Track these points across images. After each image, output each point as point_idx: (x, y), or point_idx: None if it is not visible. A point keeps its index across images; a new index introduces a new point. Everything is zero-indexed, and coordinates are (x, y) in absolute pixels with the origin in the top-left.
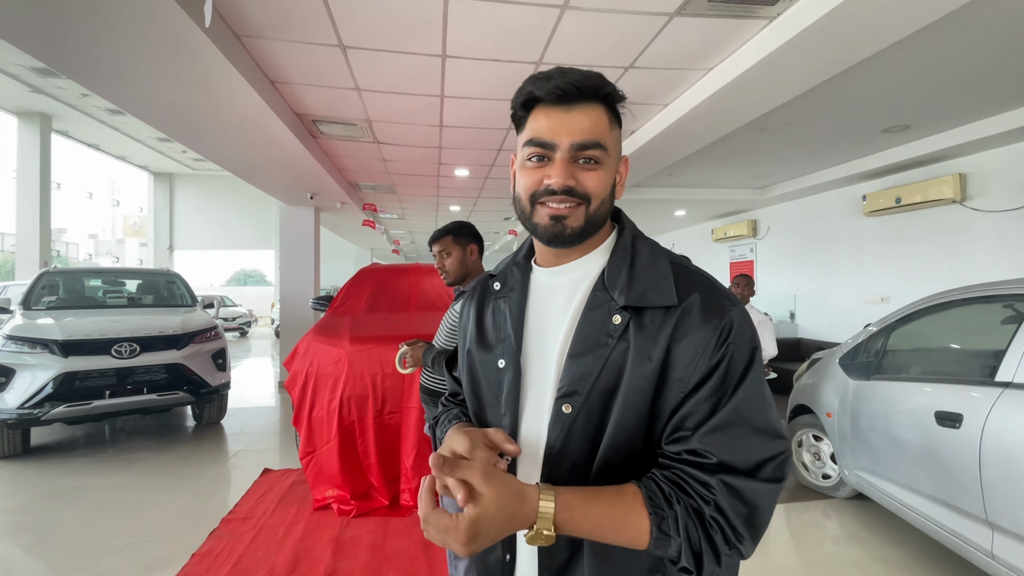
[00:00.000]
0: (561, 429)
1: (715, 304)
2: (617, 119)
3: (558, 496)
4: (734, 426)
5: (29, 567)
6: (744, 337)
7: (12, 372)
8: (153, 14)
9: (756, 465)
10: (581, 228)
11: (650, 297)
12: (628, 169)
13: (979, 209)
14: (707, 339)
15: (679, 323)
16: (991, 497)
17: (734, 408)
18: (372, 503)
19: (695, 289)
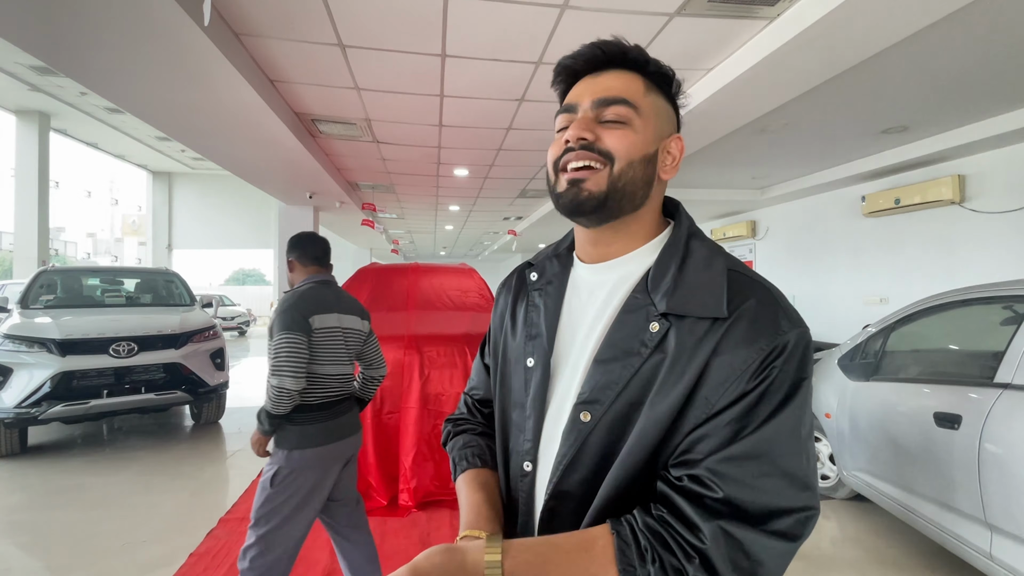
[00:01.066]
0: (576, 438)
1: (769, 321)
2: (662, 91)
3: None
4: (755, 460)
5: (27, 566)
6: (794, 364)
7: (10, 371)
8: (152, 13)
9: (771, 513)
10: (603, 194)
11: (695, 305)
12: (682, 149)
13: (978, 210)
14: (748, 360)
15: (723, 338)
16: (990, 498)
17: (762, 439)
18: (370, 503)
19: (750, 302)
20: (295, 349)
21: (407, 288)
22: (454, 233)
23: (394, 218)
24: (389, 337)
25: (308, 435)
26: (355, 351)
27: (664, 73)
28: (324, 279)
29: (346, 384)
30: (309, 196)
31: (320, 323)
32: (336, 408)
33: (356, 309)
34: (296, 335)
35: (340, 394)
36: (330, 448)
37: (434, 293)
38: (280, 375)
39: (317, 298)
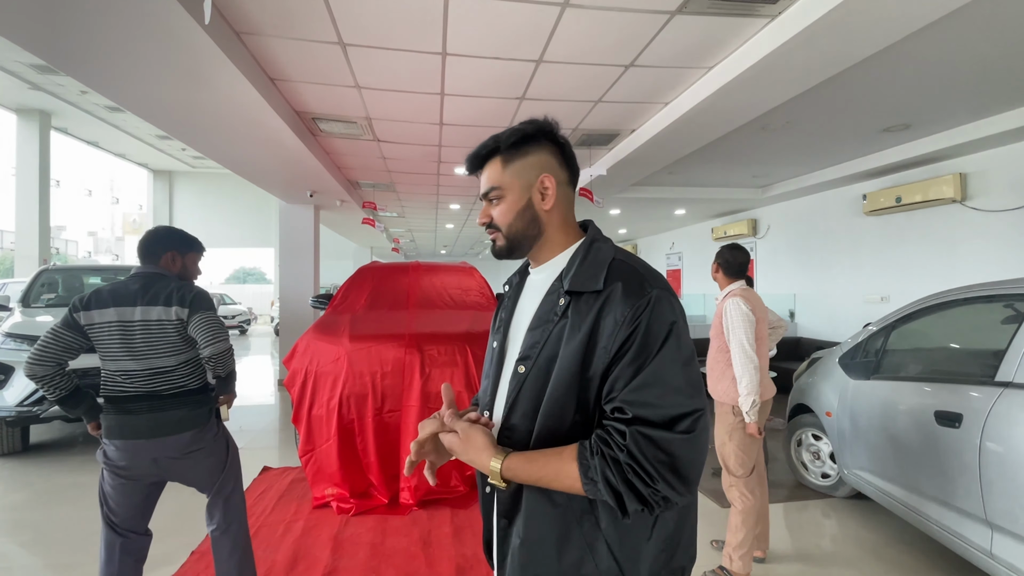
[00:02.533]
0: (515, 385)
1: (636, 287)
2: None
3: (505, 459)
4: (651, 386)
5: (28, 564)
6: (660, 314)
7: (11, 370)
8: (152, 11)
9: (672, 419)
10: (507, 246)
11: (584, 284)
12: (553, 182)
13: (979, 209)
14: (624, 313)
15: (604, 303)
16: (990, 497)
17: (652, 371)
18: (371, 501)
19: (622, 276)
20: (46, 341)
21: (408, 287)
22: (455, 232)
23: (395, 217)
24: (390, 335)
25: (105, 426)
26: (149, 343)
27: (516, 141)
28: (133, 274)
29: (132, 381)
30: (310, 195)
31: (94, 318)
32: (133, 404)
33: (158, 299)
34: (57, 329)
35: (134, 391)
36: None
37: (435, 292)
38: (26, 362)
39: (107, 291)
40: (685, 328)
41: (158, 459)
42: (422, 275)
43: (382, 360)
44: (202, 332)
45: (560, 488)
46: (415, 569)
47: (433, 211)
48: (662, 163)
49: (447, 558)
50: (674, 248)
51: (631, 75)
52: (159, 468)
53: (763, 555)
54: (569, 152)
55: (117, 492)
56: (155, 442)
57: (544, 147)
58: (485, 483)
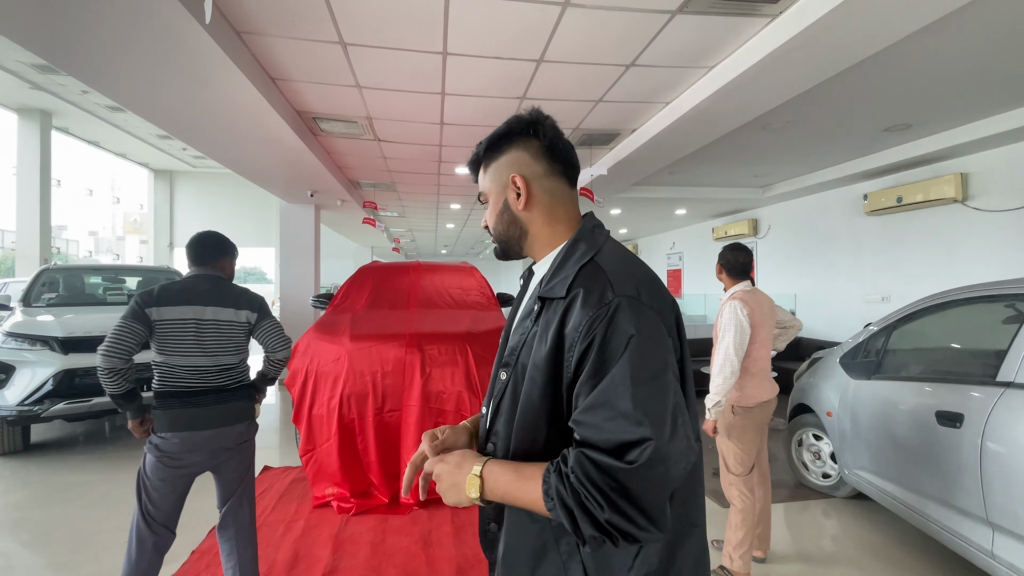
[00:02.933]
0: (498, 391)
1: (596, 296)
2: (495, 155)
3: (489, 460)
4: (599, 407)
5: (29, 563)
6: (617, 325)
7: (12, 369)
8: (153, 11)
9: (617, 446)
10: (498, 248)
11: (552, 290)
12: (523, 180)
13: (980, 209)
14: (580, 322)
15: (567, 311)
16: (992, 497)
17: (601, 391)
18: (372, 501)
19: (586, 282)
20: (120, 335)
21: (408, 286)
22: (455, 231)
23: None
24: (390, 335)
25: (162, 420)
26: (221, 342)
27: (494, 141)
28: (196, 275)
29: (200, 376)
30: (310, 194)
31: (163, 314)
32: (196, 398)
33: (228, 300)
34: (127, 323)
35: (199, 386)
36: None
37: (435, 291)
38: (100, 354)
39: (174, 290)
40: (653, 341)
41: (215, 449)
42: (423, 275)
43: (383, 360)
44: (273, 338)
45: (530, 508)
46: (416, 568)
47: (434, 211)
48: (663, 163)
49: (448, 557)
50: (675, 248)
51: (632, 75)
52: (212, 459)
53: (763, 555)
54: (553, 143)
55: (165, 485)
56: (218, 432)
57: (517, 144)
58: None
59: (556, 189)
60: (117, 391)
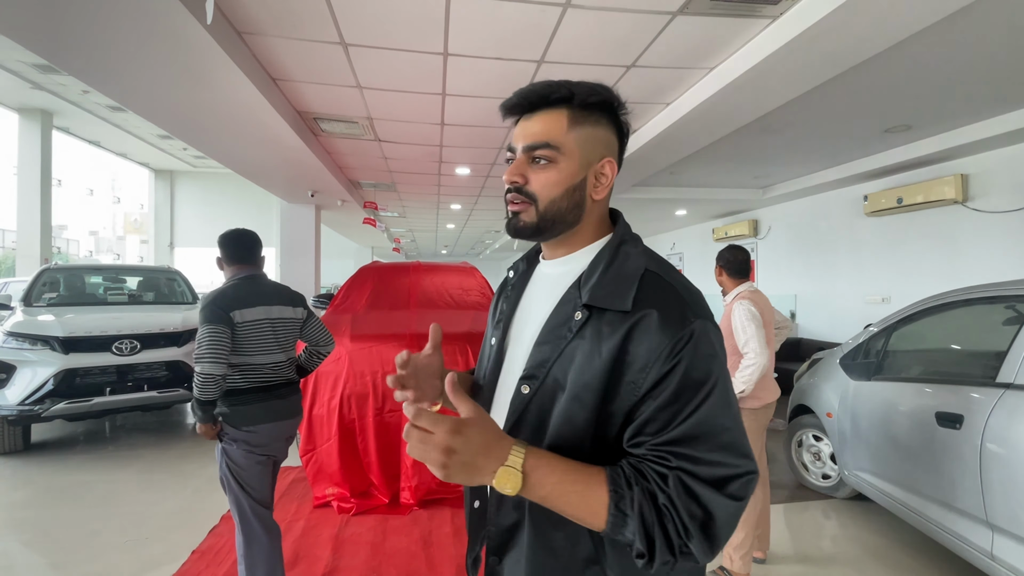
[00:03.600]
0: (518, 406)
1: (676, 316)
2: (593, 119)
3: (529, 449)
4: (698, 439)
5: (30, 563)
6: (704, 351)
7: (13, 368)
8: (155, 11)
9: (721, 479)
10: (535, 224)
11: (608, 300)
12: (615, 170)
13: (981, 210)
14: (661, 345)
15: (635, 328)
16: (991, 498)
17: (698, 422)
18: (372, 501)
19: (658, 297)
20: (217, 339)
21: (408, 287)
22: (456, 232)
23: (396, 216)
24: (391, 335)
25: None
26: (288, 338)
27: (595, 102)
28: (249, 275)
29: (283, 371)
30: (311, 194)
31: (244, 316)
32: (272, 392)
33: (283, 299)
34: (218, 327)
35: (275, 379)
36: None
37: (435, 292)
38: (203, 362)
39: (244, 293)
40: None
41: (289, 436)
42: (423, 275)
43: (383, 360)
44: (323, 333)
45: (573, 515)
46: (416, 569)
47: (434, 211)
48: (663, 164)
49: (448, 558)
50: (675, 249)
51: (632, 75)
52: (285, 446)
53: (763, 556)
54: (625, 145)
55: (259, 471)
56: (293, 421)
57: (612, 125)
58: (474, 496)
59: (611, 191)
60: (212, 396)
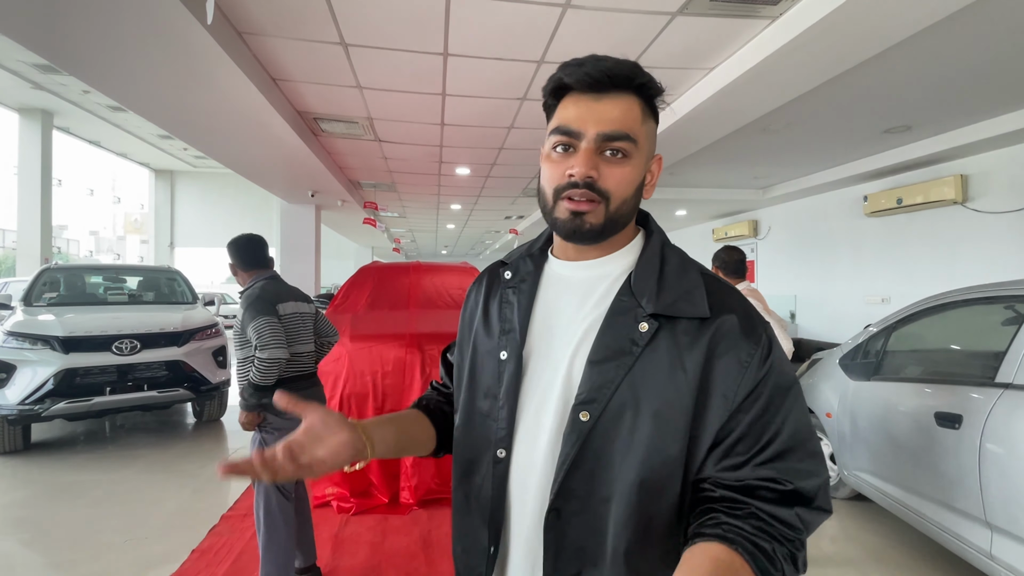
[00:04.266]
0: (577, 438)
1: (753, 321)
2: (653, 113)
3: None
4: (794, 452)
5: (29, 562)
6: (784, 357)
7: (13, 368)
8: (155, 11)
9: (816, 488)
10: (601, 226)
11: (681, 307)
12: (661, 168)
13: (980, 210)
14: (751, 354)
15: (716, 336)
16: (990, 498)
17: (792, 433)
18: (372, 501)
19: (731, 303)
20: (275, 327)
21: (408, 287)
22: (456, 232)
23: (396, 217)
24: (391, 335)
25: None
26: (311, 330)
27: (658, 95)
28: (272, 275)
29: (310, 360)
30: (311, 194)
31: (283, 310)
32: (304, 381)
33: (301, 296)
34: (271, 317)
35: (307, 368)
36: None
37: (435, 292)
38: (269, 348)
39: (276, 291)
40: None
41: None
42: (423, 275)
43: (383, 360)
44: (329, 326)
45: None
46: (415, 568)
47: (434, 211)
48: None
49: (447, 558)
50: None
51: None
52: None
53: None
54: None
55: None
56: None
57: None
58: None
59: None
60: (271, 382)
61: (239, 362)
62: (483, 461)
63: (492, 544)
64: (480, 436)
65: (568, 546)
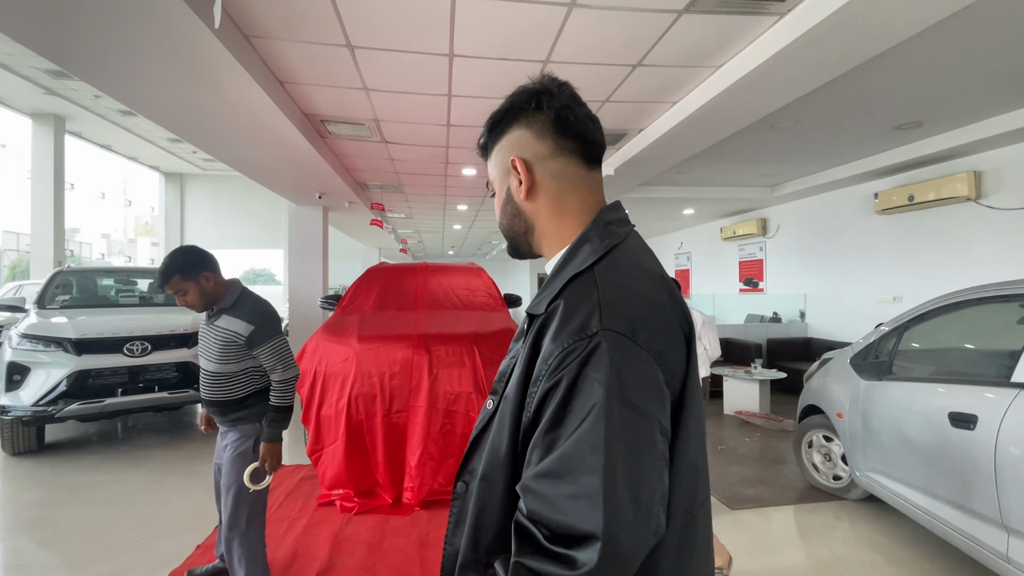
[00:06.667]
0: (481, 420)
1: (576, 322)
2: (496, 141)
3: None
4: (558, 479)
5: (43, 562)
6: (593, 371)
7: (27, 370)
8: (163, 16)
9: (570, 536)
10: (509, 245)
11: (537, 304)
12: (523, 164)
13: (994, 207)
14: (551, 355)
15: (539, 333)
16: (1007, 500)
17: (565, 455)
18: (376, 500)
19: (567, 302)
20: (288, 346)
21: (416, 287)
22: (462, 232)
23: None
24: (398, 336)
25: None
26: None
27: (495, 120)
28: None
29: None
30: (318, 196)
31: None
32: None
33: None
34: (283, 335)
35: None
36: None
37: (443, 292)
38: (293, 367)
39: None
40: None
41: None
42: (430, 276)
43: (390, 361)
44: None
45: None
46: (409, 570)
47: (441, 212)
48: (670, 163)
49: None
50: (683, 248)
51: (639, 75)
52: None
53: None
54: (561, 115)
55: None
56: None
57: (521, 120)
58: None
59: (565, 172)
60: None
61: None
62: None
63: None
64: None
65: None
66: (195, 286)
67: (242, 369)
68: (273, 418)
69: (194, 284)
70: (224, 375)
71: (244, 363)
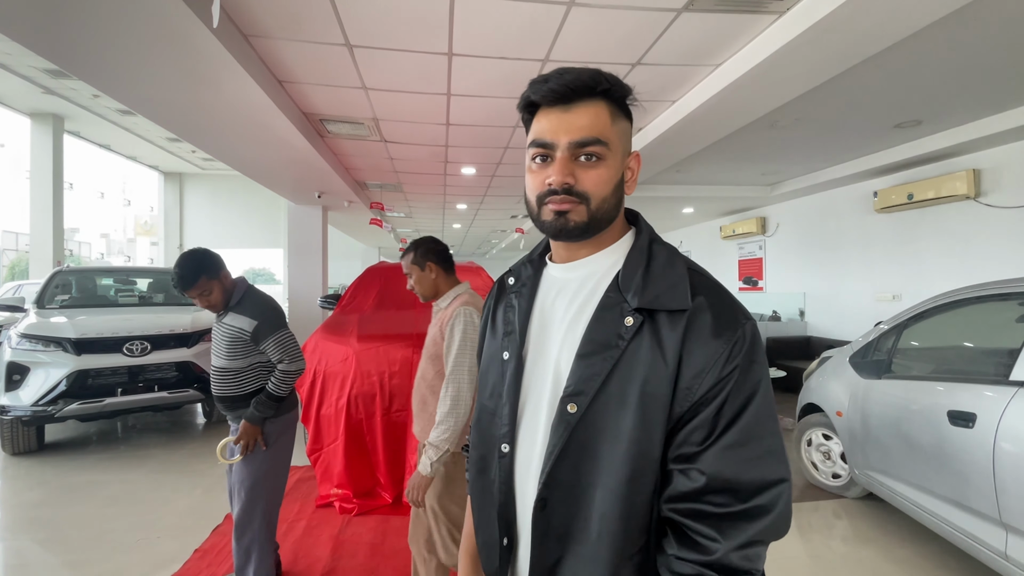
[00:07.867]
0: (564, 429)
1: (729, 315)
2: (624, 112)
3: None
4: (744, 447)
5: (44, 561)
6: (757, 354)
7: (27, 370)
8: (162, 15)
9: (761, 486)
10: (585, 223)
11: (664, 300)
12: (640, 164)
13: (993, 205)
14: (720, 349)
15: (689, 329)
16: (1005, 498)
17: (747, 425)
18: (376, 500)
19: (709, 297)
20: (295, 339)
21: None
22: (462, 231)
23: (402, 217)
24: (398, 335)
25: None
26: None
27: (627, 94)
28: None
29: None
30: (318, 196)
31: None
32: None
33: None
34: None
35: None
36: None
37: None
38: (298, 360)
39: None
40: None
41: None
42: None
43: (390, 360)
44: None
45: None
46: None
47: (440, 211)
48: (669, 161)
49: None
50: (682, 247)
51: (637, 73)
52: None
53: None
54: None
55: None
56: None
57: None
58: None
59: None
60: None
61: (234, 371)
62: (492, 457)
63: (504, 536)
64: (488, 433)
65: (551, 532)
66: (219, 285)
67: (249, 365)
68: (262, 401)
69: (218, 283)
70: (232, 370)
71: (251, 359)
